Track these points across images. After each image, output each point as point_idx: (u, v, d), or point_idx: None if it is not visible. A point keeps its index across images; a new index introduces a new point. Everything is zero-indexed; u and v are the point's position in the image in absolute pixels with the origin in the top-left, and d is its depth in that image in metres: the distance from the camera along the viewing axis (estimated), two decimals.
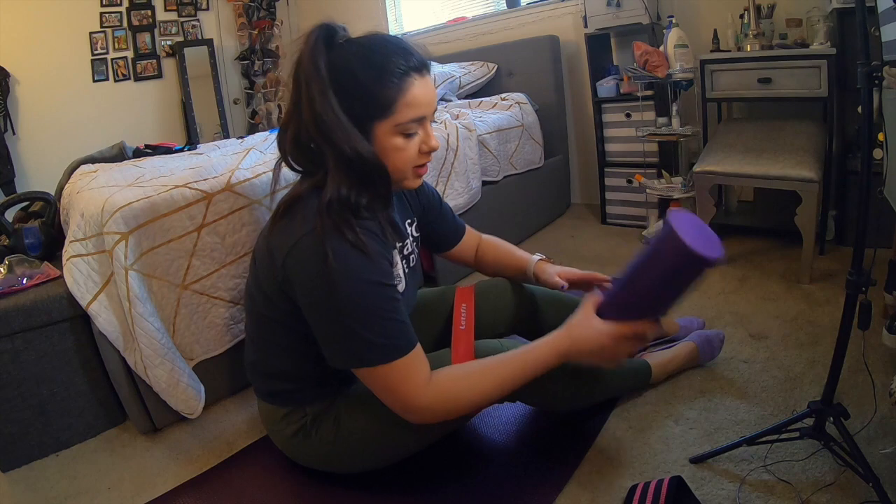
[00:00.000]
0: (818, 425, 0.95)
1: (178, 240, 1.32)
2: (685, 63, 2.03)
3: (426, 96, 0.85)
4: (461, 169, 2.05)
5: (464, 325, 1.09)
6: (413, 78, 0.83)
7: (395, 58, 0.82)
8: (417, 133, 0.87)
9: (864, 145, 0.85)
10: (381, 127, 0.84)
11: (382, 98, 0.82)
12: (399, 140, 0.85)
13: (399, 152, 0.86)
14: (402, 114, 0.83)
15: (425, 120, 0.87)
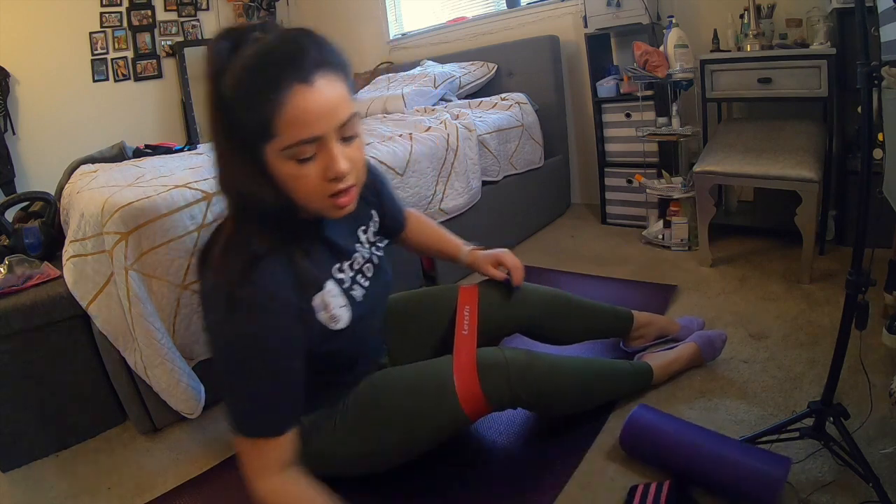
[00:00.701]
0: (818, 425, 0.95)
1: (179, 240, 1.32)
2: (685, 63, 2.03)
3: (318, 110, 0.68)
4: (461, 169, 2.05)
5: (466, 329, 1.08)
6: (296, 89, 0.67)
7: (277, 65, 0.67)
8: (316, 156, 0.71)
9: (864, 145, 0.85)
10: (269, 151, 0.70)
11: (257, 116, 0.68)
12: (292, 166, 0.71)
13: (296, 181, 0.72)
14: (286, 135, 0.68)
15: (324, 139, 0.70)
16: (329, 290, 0.85)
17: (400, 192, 1.85)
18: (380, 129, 2.12)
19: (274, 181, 0.73)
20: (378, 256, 0.99)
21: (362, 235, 0.97)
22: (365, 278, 0.94)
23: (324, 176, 0.72)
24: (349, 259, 0.92)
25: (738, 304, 1.62)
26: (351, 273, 0.92)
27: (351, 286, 0.90)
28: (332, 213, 0.78)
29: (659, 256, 2.08)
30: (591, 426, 1.16)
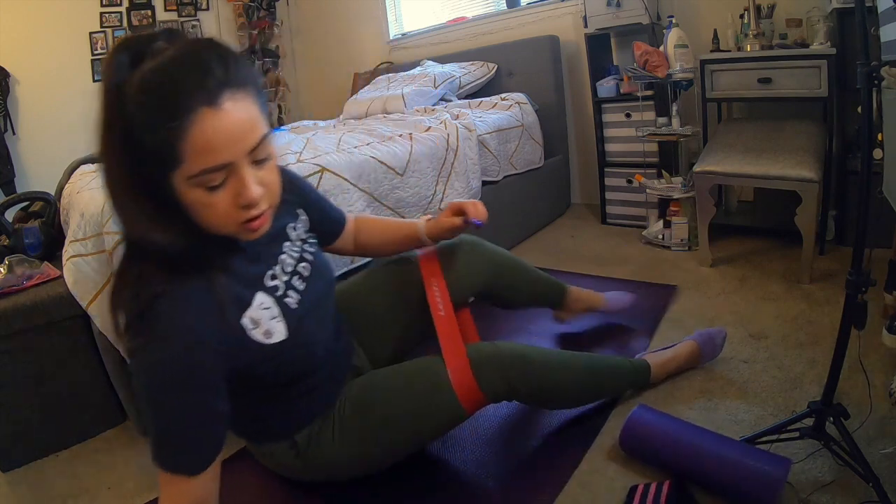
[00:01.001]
0: (818, 425, 0.95)
1: None
2: (685, 63, 2.03)
3: (227, 136, 0.63)
4: (461, 169, 2.05)
5: (442, 310, 1.05)
6: (202, 114, 0.61)
7: (179, 86, 0.60)
8: (226, 182, 0.66)
9: (864, 145, 0.85)
10: (175, 178, 0.64)
11: (160, 142, 0.61)
12: (200, 194, 0.65)
13: (206, 209, 0.67)
14: (193, 163, 0.62)
15: (234, 165, 0.65)
16: (258, 303, 0.79)
17: (400, 192, 1.85)
18: (380, 129, 2.12)
19: (180, 208, 0.67)
20: (311, 253, 0.94)
21: (291, 233, 0.92)
22: (301, 279, 0.89)
23: (235, 203, 0.67)
24: (277, 262, 0.86)
25: (738, 304, 1.62)
26: (285, 278, 0.86)
27: (285, 293, 0.85)
28: (244, 237, 0.73)
29: (659, 256, 2.08)
30: (591, 426, 1.16)
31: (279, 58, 4.02)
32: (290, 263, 0.88)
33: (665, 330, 1.52)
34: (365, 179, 1.74)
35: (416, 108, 2.61)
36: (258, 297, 0.80)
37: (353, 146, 1.83)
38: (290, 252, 0.89)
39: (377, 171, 1.78)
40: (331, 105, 3.73)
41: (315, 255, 0.95)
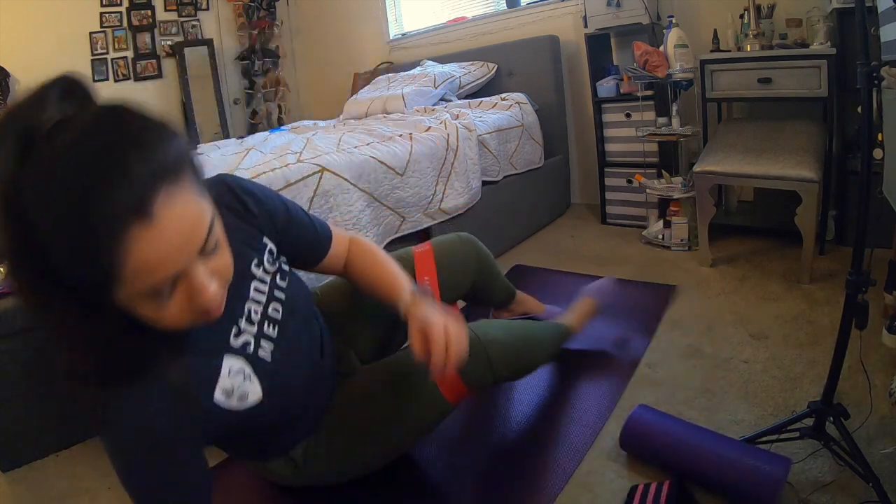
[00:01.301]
0: (818, 425, 0.95)
1: None
2: (685, 63, 2.03)
3: (169, 248, 0.51)
4: (461, 169, 2.05)
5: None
6: (132, 233, 0.48)
7: (96, 205, 0.46)
8: (176, 285, 0.56)
9: (864, 145, 0.85)
10: (114, 295, 0.52)
11: (87, 270, 0.49)
12: (147, 307, 0.55)
13: (156, 319, 0.56)
14: (135, 283, 0.51)
15: (180, 276, 0.55)
16: (227, 371, 0.72)
17: (400, 192, 1.85)
18: (380, 129, 2.12)
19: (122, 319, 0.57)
20: (282, 289, 0.83)
21: (257, 270, 0.79)
22: (272, 325, 0.79)
23: (189, 306, 0.57)
24: (243, 313, 0.76)
25: (738, 304, 1.62)
26: (253, 329, 0.77)
27: (257, 346, 0.77)
28: (206, 322, 0.62)
29: (659, 256, 2.08)
30: (591, 426, 1.16)
31: (279, 58, 4.02)
32: (257, 310, 0.78)
33: (665, 330, 1.52)
34: (365, 179, 1.74)
35: (416, 108, 2.61)
36: (226, 362, 0.72)
37: (353, 146, 1.83)
38: (256, 296, 0.78)
39: (377, 171, 1.78)
40: (331, 105, 3.73)
41: (287, 288, 0.84)
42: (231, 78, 3.98)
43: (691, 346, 1.42)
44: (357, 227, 1.69)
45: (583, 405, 1.24)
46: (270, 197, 0.85)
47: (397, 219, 1.87)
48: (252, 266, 0.79)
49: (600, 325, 1.57)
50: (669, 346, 1.44)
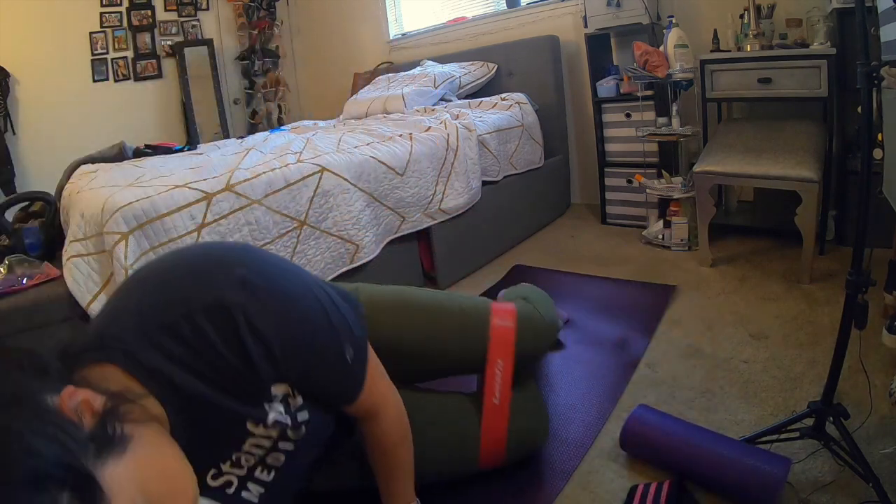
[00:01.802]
0: (818, 425, 0.95)
1: (179, 239, 1.32)
2: (685, 63, 2.03)
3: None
4: (461, 169, 2.05)
5: (497, 398, 0.97)
6: None
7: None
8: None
9: (864, 145, 0.85)
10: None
11: None
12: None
13: None
14: None
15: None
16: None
17: (400, 192, 1.86)
18: (380, 129, 2.12)
19: None
20: (291, 440, 0.68)
21: (254, 429, 0.64)
22: (268, 471, 0.68)
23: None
24: (227, 460, 0.64)
25: (738, 304, 1.62)
26: (241, 472, 0.65)
27: (241, 487, 0.66)
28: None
29: (659, 256, 2.08)
30: (591, 426, 1.16)
31: (279, 58, 4.02)
32: (248, 459, 0.66)
33: (665, 330, 1.52)
34: (365, 179, 1.74)
35: (416, 108, 2.61)
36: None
37: (354, 146, 1.83)
38: (250, 449, 0.65)
39: (377, 171, 1.78)
40: (331, 105, 3.73)
41: (299, 441, 0.69)
42: (231, 78, 3.98)
43: (691, 346, 1.42)
44: (357, 227, 1.69)
45: (583, 405, 1.24)
46: (291, 343, 0.62)
47: (397, 219, 1.87)
48: (248, 425, 0.63)
49: (600, 326, 1.58)
50: (669, 346, 1.44)
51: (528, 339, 1.03)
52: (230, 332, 0.56)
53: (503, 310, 1.04)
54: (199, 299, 0.56)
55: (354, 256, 1.71)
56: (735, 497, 0.90)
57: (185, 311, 0.55)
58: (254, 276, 0.60)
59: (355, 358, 0.71)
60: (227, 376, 0.58)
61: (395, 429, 0.81)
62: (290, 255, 1.57)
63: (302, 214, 1.58)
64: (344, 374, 0.70)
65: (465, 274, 2.13)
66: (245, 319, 0.57)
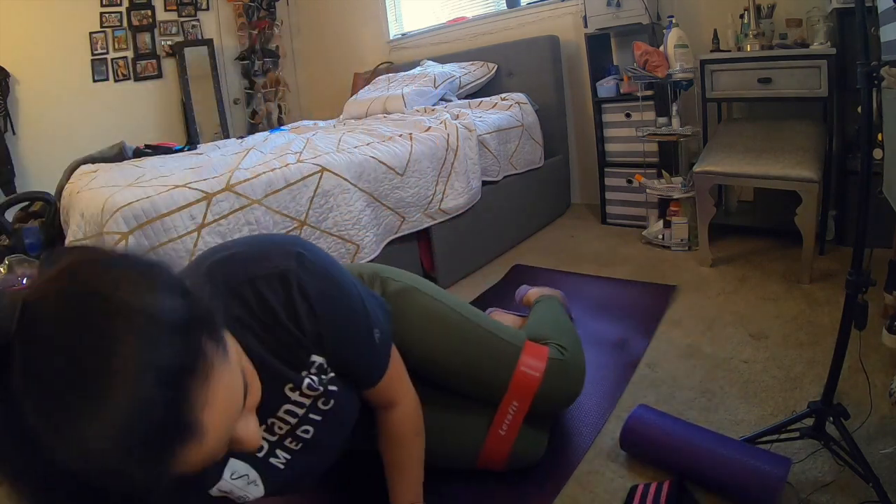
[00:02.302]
0: (818, 425, 0.95)
1: (179, 239, 1.32)
2: (685, 63, 2.03)
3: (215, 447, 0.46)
4: (461, 169, 2.05)
5: (504, 429, 1.00)
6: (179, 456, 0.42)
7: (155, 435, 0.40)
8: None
9: (863, 145, 0.85)
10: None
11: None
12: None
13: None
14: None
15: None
16: (227, 474, 0.66)
17: (400, 192, 1.86)
18: (380, 129, 2.12)
19: None
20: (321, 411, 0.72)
21: (291, 394, 0.69)
22: (298, 442, 0.72)
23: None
24: (262, 425, 0.69)
25: (738, 304, 1.62)
26: (272, 438, 0.70)
27: (270, 454, 0.70)
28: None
29: (659, 256, 2.08)
30: (591, 426, 1.16)
31: (279, 58, 4.02)
32: (282, 427, 0.71)
33: (665, 330, 1.52)
34: (365, 179, 1.74)
35: (416, 108, 2.61)
36: (230, 465, 0.66)
37: (354, 146, 1.83)
38: (284, 416, 0.70)
39: (377, 171, 1.78)
40: (331, 105, 3.73)
41: (330, 409, 0.73)
42: (231, 78, 3.98)
43: (691, 346, 1.42)
44: (357, 227, 1.69)
45: (583, 405, 1.23)
46: (331, 310, 0.69)
47: (397, 219, 1.87)
48: (286, 389, 0.68)
49: (600, 326, 1.58)
50: (669, 346, 1.44)
51: (551, 392, 1.00)
52: (285, 296, 0.64)
53: (536, 353, 1.02)
54: (261, 269, 0.64)
55: (355, 256, 1.71)
56: (735, 497, 0.90)
57: (248, 279, 0.63)
58: (307, 253, 0.68)
59: (381, 341, 0.78)
60: (278, 339, 0.65)
61: (410, 421, 0.86)
62: None
63: (302, 214, 1.58)
64: (371, 353, 0.77)
65: (465, 274, 2.13)
66: (297, 283, 0.65)
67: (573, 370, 1.05)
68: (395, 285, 0.98)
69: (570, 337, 1.12)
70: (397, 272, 1.03)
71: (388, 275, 1.00)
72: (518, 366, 0.99)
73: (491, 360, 0.99)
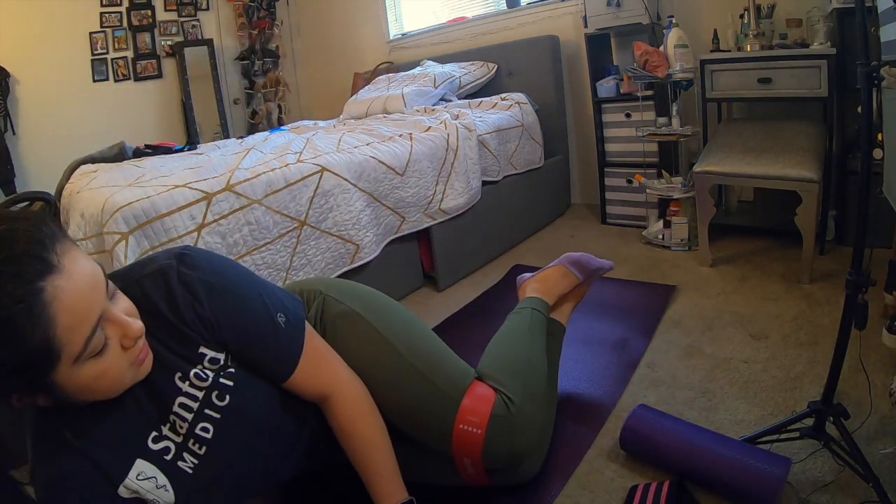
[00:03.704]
0: (818, 425, 0.95)
1: (179, 239, 1.32)
2: (685, 63, 2.03)
3: (83, 295, 0.55)
4: (461, 169, 2.05)
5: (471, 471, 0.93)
6: (50, 289, 0.52)
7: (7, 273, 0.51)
8: (108, 338, 0.59)
9: (863, 145, 0.85)
10: (58, 373, 0.55)
11: (26, 356, 0.52)
12: (91, 367, 0.58)
13: (100, 378, 0.59)
14: (72, 344, 0.54)
15: (104, 316, 0.58)
16: (133, 474, 0.65)
17: (400, 192, 1.86)
18: (380, 129, 2.12)
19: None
20: (218, 407, 0.72)
21: (181, 384, 0.70)
22: (200, 444, 0.71)
23: (123, 351, 0.61)
24: (166, 422, 0.69)
25: (738, 304, 1.62)
26: (178, 440, 0.70)
27: (177, 458, 0.70)
28: (139, 378, 0.65)
29: (659, 256, 2.08)
30: (591, 426, 1.16)
31: (279, 58, 4.02)
32: (182, 425, 0.70)
33: (665, 330, 1.52)
34: (365, 179, 1.74)
35: (416, 108, 2.61)
36: (137, 465, 0.66)
37: (354, 146, 1.83)
38: (180, 411, 0.70)
39: (377, 171, 1.78)
40: (331, 105, 3.73)
41: (228, 406, 0.72)
42: (231, 78, 3.98)
43: (691, 346, 1.42)
44: (357, 227, 1.69)
45: (583, 405, 1.24)
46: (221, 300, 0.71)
47: (397, 219, 1.87)
48: (176, 378, 0.69)
49: (600, 326, 1.58)
50: (669, 346, 1.44)
51: (495, 450, 0.88)
52: (164, 289, 0.68)
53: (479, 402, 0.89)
54: (146, 269, 0.70)
55: (355, 256, 1.71)
56: (735, 497, 0.90)
57: (135, 279, 0.69)
58: (191, 252, 0.73)
59: (289, 325, 0.77)
60: (163, 330, 0.68)
61: (354, 406, 0.83)
62: (290, 255, 1.57)
63: (302, 214, 1.58)
64: (275, 339, 0.76)
65: (465, 274, 2.13)
66: (178, 276, 0.69)
67: (521, 428, 0.90)
68: (337, 307, 0.92)
69: (524, 383, 0.96)
70: (346, 291, 0.96)
71: (334, 294, 0.94)
72: (456, 423, 0.88)
73: (427, 413, 0.89)
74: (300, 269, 1.59)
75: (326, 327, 0.91)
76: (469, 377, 0.94)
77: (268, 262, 1.51)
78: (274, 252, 1.52)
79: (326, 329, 0.91)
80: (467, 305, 1.85)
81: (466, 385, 0.92)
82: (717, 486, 0.92)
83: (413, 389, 0.89)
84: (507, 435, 0.89)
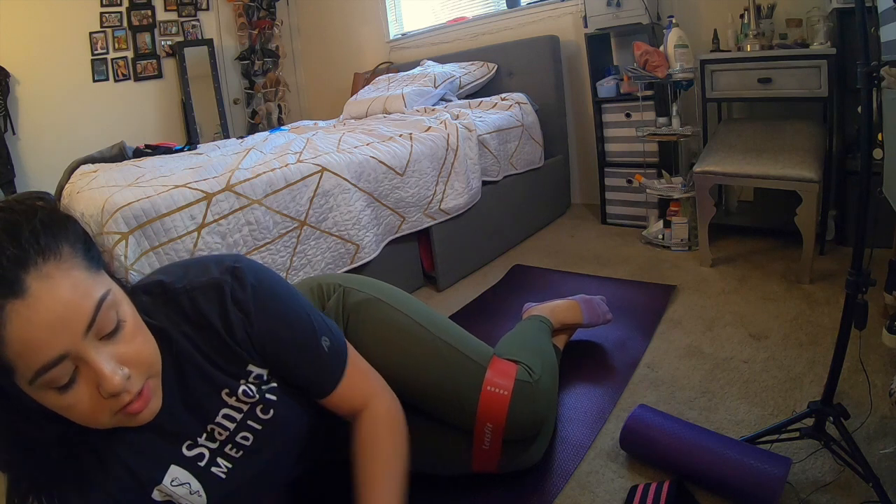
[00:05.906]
0: (818, 425, 0.95)
1: (179, 239, 1.32)
2: (685, 63, 2.03)
3: (46, 325, 0.49)
4: (461, 169, 2.05)
5: (487, 444, 0.96)
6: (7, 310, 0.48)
7: None
8: (78, 373, 0.53)
9: (863, 145, 0.85)
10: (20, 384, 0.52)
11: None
12: (53, 397, 0.53)
13: (68, 411, 0.54)
14: (23, 368, 0.50)
15: (75, 354, 0.52)
16: (168, 480, 0.66)
17: (400, 192, 1.86)
18: (380, 129, 2.12)
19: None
20: (261, 420, 0.72)
21: (228, 398, 0.70)
22: (238, 449, 0.72)
23: (98, 395, 0.54)
24: (202, 433, 0.69)
25: (738, 304, 1.62)
26: (213, 446, 0.70)
27: (211, 463, 0.70)
28: (131, 425, 0.59)
29: (659, 256, 2.08)
30: (591, 426, 1.16)
31: (279, 58, 4.02)
32: (221, 433, 0.70)
33: (665, 330, 1.52)
34: (365, 179, 1.74)
35: (416, 108, 2.61)
36: (171, 472, 0.66)
37: (354, 146, 1.83)
38: (222, 422, 0.70)
39: (377, 171, 1.78)
40: (331, 105, 3.73)
41: (270, 419, 0.73)
42: (231, 78, 3.98)
43: (691, 346, 1.42)
44: (357, 227, 1.69)
45: (583, 405, 1.24)
46: (269, 320, 0.70)
47: (397, 219, 1.87)
48: (223, 394, 0.69)
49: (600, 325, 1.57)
50: (669, 346, 1.44)
51: (518, 416, 0.94)
52: (218, 304, 0.67)
53: (503, 371, 0.97)
54: (197, 280, 0.68)
55: (355, 256, 1.71)
56: (735, 497, 0.90)
57: (184, 287, 0.67)
58: (244, 267, 0.71)
59: (332, 350, 0.77)
60: (213, 346, 0.67)
61: (385, 417, 0.81)
62: (290, 256, 1.57)
63: (302, 214, 1.58)
64: (319, 363, 0.76)
65: (465, 274, 2.13)
66: (232, 294, 0.67)
67: (542, 395, 0.99)
68: (357, 296, 0.95)
69: (541, 360, 1.06)
70: (362, 282, 0.99)
71: (352, 285, 0.97)
72: (484, 385, 0.94)
73: (455, 379, 0.94)
74: (300, 269, 1.59)
75: (350, 315, 0.93)
76: (490, 352, 1.02)
77: (268, 262, 1.51)
78: (274, 252, 1.52)
79: (350, 316, 0.93)
80: (467, 305, 1.85)
81: (490, 355, 1.00)
82: (717, 487, 0.92)
83: (442, 360, 0.94)
84: (531, 401, 0.96)
